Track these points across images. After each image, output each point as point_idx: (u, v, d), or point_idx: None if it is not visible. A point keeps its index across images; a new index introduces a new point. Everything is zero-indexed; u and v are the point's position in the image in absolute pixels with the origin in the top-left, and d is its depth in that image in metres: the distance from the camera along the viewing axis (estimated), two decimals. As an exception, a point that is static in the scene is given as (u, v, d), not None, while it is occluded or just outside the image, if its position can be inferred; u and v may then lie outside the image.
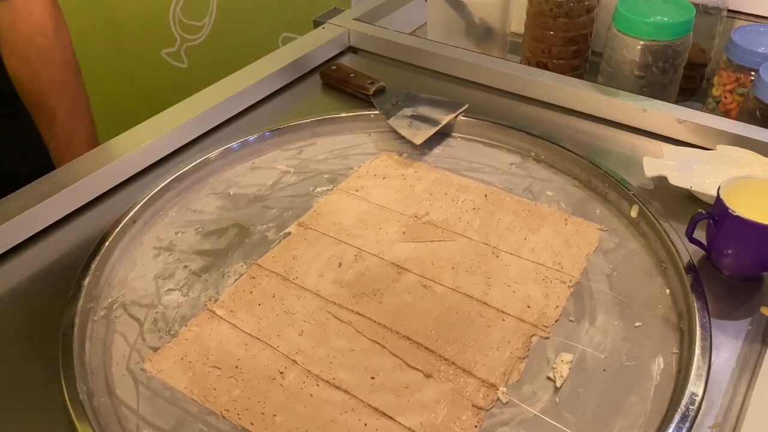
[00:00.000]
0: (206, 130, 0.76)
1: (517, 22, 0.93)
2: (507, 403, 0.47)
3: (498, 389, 0.48)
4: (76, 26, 0.81)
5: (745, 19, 0.88)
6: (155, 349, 0.52)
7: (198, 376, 0.50)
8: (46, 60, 0.73)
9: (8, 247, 0.61)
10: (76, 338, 0.51)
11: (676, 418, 0.44)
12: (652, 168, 0.64)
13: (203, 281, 0.58)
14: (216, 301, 0.56)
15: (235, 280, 0.58)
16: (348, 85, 0.82)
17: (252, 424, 0.46)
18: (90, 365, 0.50)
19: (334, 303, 0.55)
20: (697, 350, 0.48)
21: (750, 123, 0.70)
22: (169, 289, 0.57)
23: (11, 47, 0.72)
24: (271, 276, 0.58)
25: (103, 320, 0.54)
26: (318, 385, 0.49)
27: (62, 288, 0.55)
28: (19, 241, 0.61)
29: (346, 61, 0.91)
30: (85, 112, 0.78)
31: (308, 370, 0.50)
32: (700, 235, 0.56)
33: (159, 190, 0.65)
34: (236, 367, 0.50)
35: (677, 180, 0.62)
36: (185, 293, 0.57)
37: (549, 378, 0.49)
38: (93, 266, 0.56)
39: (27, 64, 0.72)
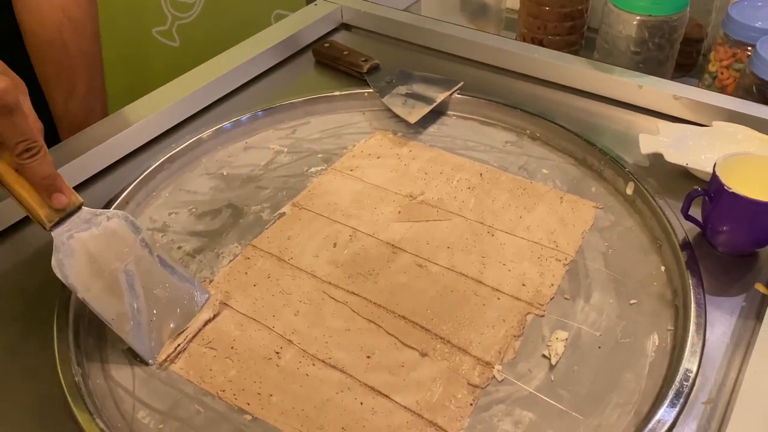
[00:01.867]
0: (198, 109, 0.75)
1: (513, -2, 0.92)
2: (502, 381, 0.47)
3: (493, 367, 0.48)
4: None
5: (742, -6, 0.87)
6: (150, 331, 0.52)
7: (193, 357, 0.50)
8: (78, 31, 0.71)
9: (1, 230, 0.60)
10: (71, 320, 0.50)
11: (671, 394, 0.45)
12: (647, 145, 0.64)
13: (198, 262, 0.57)
14: (211, 282, 0.55)
15: (230, 260, 0.57)
16: (341, 62, 0.81)
17: (248, 404, 0.46)
18: (85, 347, 0.50)
19: (330, 283, 0.55)
20: (692, 327, 0.49)
21: (746, 99, 0.70)
22: (164, 271, 0.57)
23: (42, 18, 0.69)
24: (266, 257, 0.58)
25: (97, 302, 0.54)
26: (314, 364, 0.49)
27: (55, 270, 0.55)
28: (12, 223, 0.61)
29: (339, 38, 0.89)
30: (102, 89, 0.77)
31: (304, 350, 0.50)
32: (695, 212, 0.56)
33: (151, 170, 0.64)
34: (232, 347, 0.50)
35: (673, 157, 0.62)
36: (180, 274, 0.56)
37: (544, 356, 0.49)
38: (86, 248, 0.56)
39: (58, 36, 0.70)
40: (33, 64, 0.72)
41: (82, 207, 0.48)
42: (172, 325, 0.50)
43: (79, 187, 0.65)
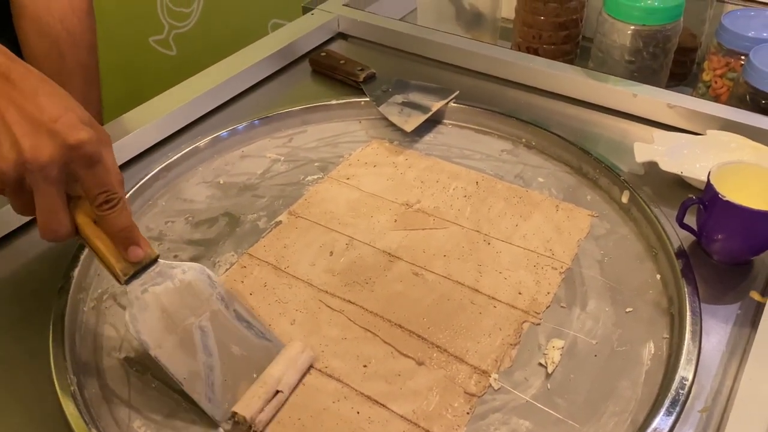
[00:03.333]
0: (195, 118, 0.75)
1: (508, 8, 0.93)
2: (499, 389, 0.47)
3: (490, 376, 0.48)
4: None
5: (735, 3, 0.88)
6: (146, 340, 0.51)
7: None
8: (75, 43, 0.71)
9: (-4, 239, 0.60)
10: (67, 329, 0.50)
11: (667, 402, 0.45)
12: (642, 153, 0.64)
13: (194, 271, 0.57)
14: (207, 290, 0.55)
15: (226, 269, 0.57)
16: (338, 71, 0.81)
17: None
18: (81, 357, 0.50)
19: (326, 292, 0.55)
20: (688, 335, 0.49)
21: (740, 107, 0.70)
22: (160, 279, 0.56)
23: (41, 29, 0.69)
24: (262, 265, 0.58)
25: (93, 311, 0.54)
26: (310, 373, 0.49)
27: (51, 279, 0.54)
28: (7, 232, 0.60)
29: (336, 47, 0.90)
30: (98, 100, 0.77)
31: (300, 359, 0.50)
32: (690, 220, 0.57)
33: (148, 179, 0.65)
34: (228, 356, 0.50)
35: (668, 165, 0.62)
36: (176, 283, 0.56)
37: (540, 364, 0.49)
38: (81, 257, 0.56)
39: (56, 47, 0.70)
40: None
41: (158, 260, 0.47)
42: (246, 386, 0.46)
43: (75, 196, 0.65)
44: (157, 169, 0.65)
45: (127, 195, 0.62)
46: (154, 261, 0.47)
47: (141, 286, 0.46)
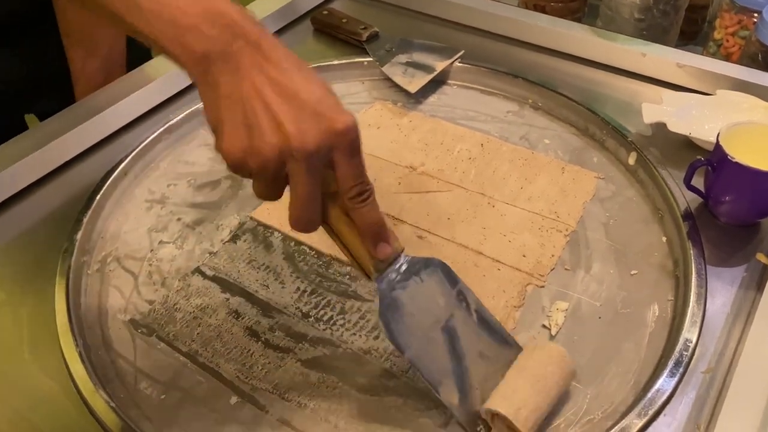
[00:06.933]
0: (196, 79, 0.74)
1: (515, -36, 0.90)
2: (503, 351, 0.48)
3: (494, 338, 0.48)
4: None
5: (749, -42, 0.85)
6: (151, 302, 0.52)
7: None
8: None
9: (-2, 202, 0.60)
10: (71, 292, 0.50)
11: (670, 363, 0.45)
12: (650, 114, 0.63)
13: (197, 234, 0.57)
14: (211, 254, 0.55)
15: (230, 232, 0.57)
16: (340, 30, 0.80)
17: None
18: (86, 319, 0.50)
19: (330, 255, 0.55)
20: (692, 297, 0.49)
21: (752, 67, 0.69)
22: (163, 242, 0.56)
23: None
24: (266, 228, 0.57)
25: (97, 274, 0.54)
26: (315, 336, 0.49)
27: (55, 243, 0.54)
28: (10, 195, 0.60)
29: (338, 5, 0.88)
30: (122, 56, 0.75)
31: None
32: (698, 182, 0.56)
33: (149, 141, 0.64)
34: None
35: (676, 126, 0.61)
36: (179, 246, 0.56)
37: (544, 326, 0.49)
38: (85, 220, 0.56)
39: None
40: (56, 13, 0.70)
41: (403, 254, 0.43)
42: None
43: (76, 159, 0.64)
44: (159, 131, 0.65)
45: (128, 158, 0.61)
46: (400, 255, 0.43)
47: (389, 283, 0.42)
